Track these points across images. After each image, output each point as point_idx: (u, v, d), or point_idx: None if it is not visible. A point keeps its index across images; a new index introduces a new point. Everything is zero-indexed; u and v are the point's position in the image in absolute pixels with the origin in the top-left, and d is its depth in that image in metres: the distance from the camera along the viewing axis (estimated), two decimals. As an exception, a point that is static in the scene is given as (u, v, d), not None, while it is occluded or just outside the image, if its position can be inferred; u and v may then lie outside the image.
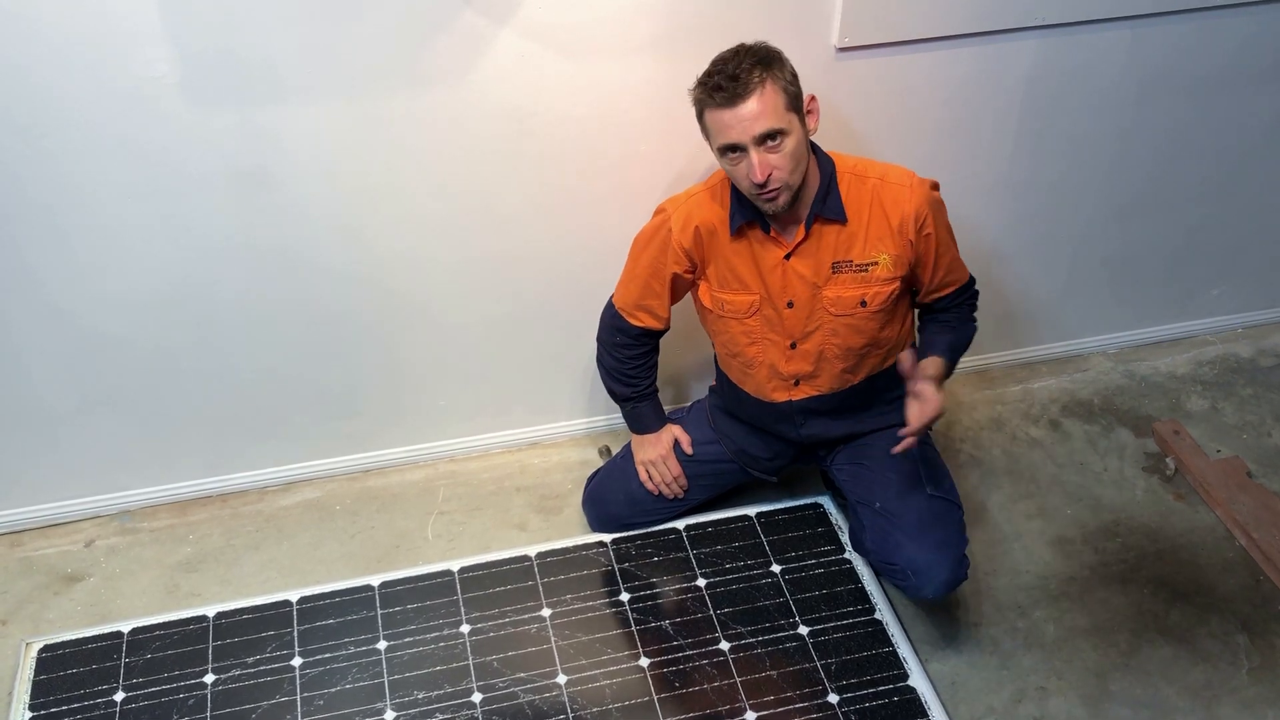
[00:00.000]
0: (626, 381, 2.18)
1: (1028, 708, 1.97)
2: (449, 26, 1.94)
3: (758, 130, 1.74)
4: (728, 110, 1.75)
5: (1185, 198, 2.56)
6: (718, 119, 1.77)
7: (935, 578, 1.95)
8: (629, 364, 2.16)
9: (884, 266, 1.93)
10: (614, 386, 2.21)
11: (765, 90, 1.74)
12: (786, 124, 1.76)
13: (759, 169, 1.76)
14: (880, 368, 2.07)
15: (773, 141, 1.76)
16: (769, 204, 1.84)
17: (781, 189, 1.81)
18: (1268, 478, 2.40)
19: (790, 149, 1.78)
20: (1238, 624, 2.10)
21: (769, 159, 1.77)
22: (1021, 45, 2.21)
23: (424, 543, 2.34)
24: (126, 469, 2.37)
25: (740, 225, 1.93)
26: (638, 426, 2.24)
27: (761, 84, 1.74)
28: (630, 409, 2.23)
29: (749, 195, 1.86)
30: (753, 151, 1.76)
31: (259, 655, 2.06)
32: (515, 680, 2.01)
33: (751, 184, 1.80)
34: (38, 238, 2.02)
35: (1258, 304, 2.83)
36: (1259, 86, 2.40)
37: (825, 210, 1.89)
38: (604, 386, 2.24)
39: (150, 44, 1.85)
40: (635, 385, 2.19)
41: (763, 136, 1.75)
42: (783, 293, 1.96)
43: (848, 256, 1.92)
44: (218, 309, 2.19)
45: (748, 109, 1.73)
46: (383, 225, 2.16)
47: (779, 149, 1.77)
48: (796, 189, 1.84)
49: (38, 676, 2.04)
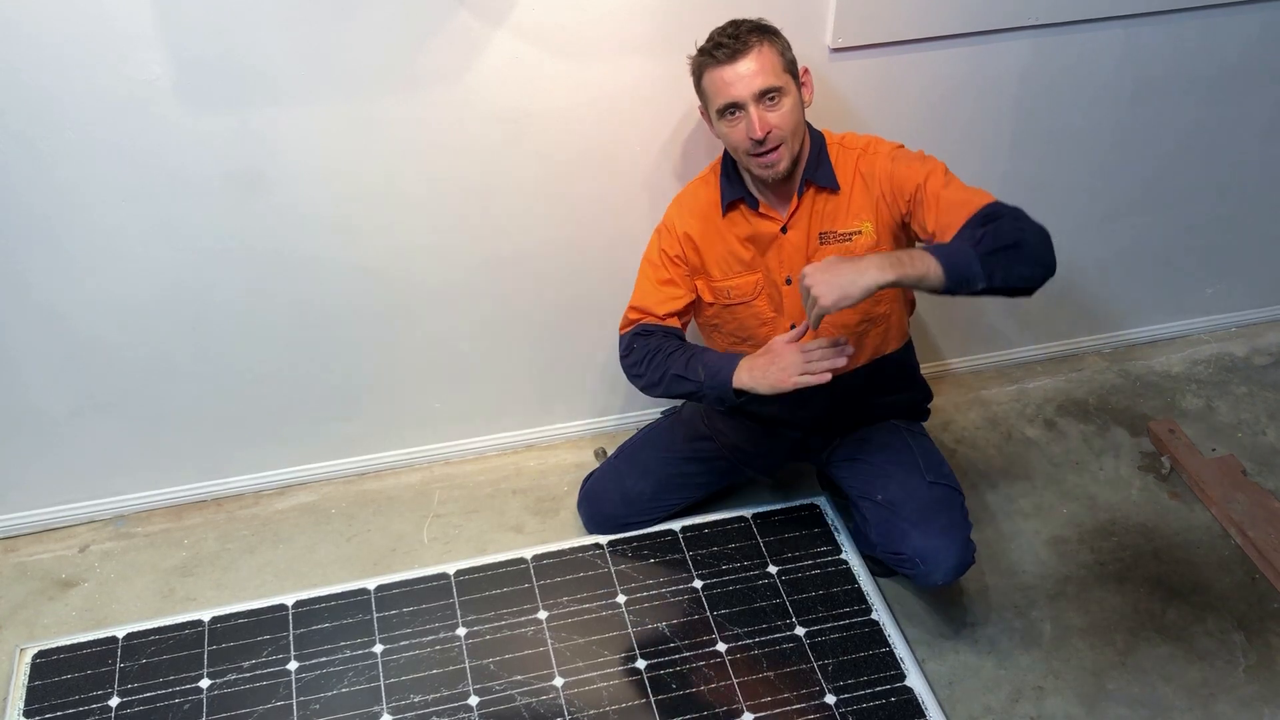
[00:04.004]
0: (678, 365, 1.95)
1: (1025, 707, 1.97)
2: (443, 28, 1.94)
3: (757, 86, 1.79)
4: (728, 66, 1.80)
5: (1179, 197, 2.56)
6: (718, 77, 1.81)
7: (944, 563, 1.96)
8: (666, 349, 1.97)
9: (867, 235, 1.93)
10: (677, 387, 1.97)
11: (763, 49, 1.80)
12: (784, 83, 1.82)
13: (758, 124, 1.80)
14: (882, 350, 2.07)
15: (771, 100, 1.81)
16: (767, 168, 1.85)
17: (781, 148, 1.84)
18: (1263, 476, 2.41)
19: (788, 108, 1.83)
20: (1234, 622, 2.10)
21: (768, 116, 1.81)
22: (1015, 45, 2.21)
23: (420, 546, 2.33)
24: (121, 473, 2.36)
25: (731, 201, 1.95)
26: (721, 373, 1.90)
27: (760, 44, 1.80)
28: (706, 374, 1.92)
29: (746, 159, 1.87)
30: (752, 108, 1.80)
31: (255, 659, 2.06)
32: (512, 683, 2.00)
33: (751, 142, 1.82)
34: (32, 241, 2.01)
35: (1252, 303, 2.83)
36: (1253, 86, 2.41)
37: (818, 177, 1.92)
38: (674, 399, 2.04)
39: (144, 47, 1.85)
40: (685, 358, 1.96)
41: (761, 93, 1.80)
42: (780, 268, 1.97)
43: (833, 227, 1.94)
44: (212, 312, 2.19)
45: (746, 65, 1.79)
46: (377, 227, 2.16)
47: (777, 107, 1.82)
48: (795, 153, 1.86)
49: (32, 682, 2.03)
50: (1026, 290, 1.71)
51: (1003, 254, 1.65)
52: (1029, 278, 1.70)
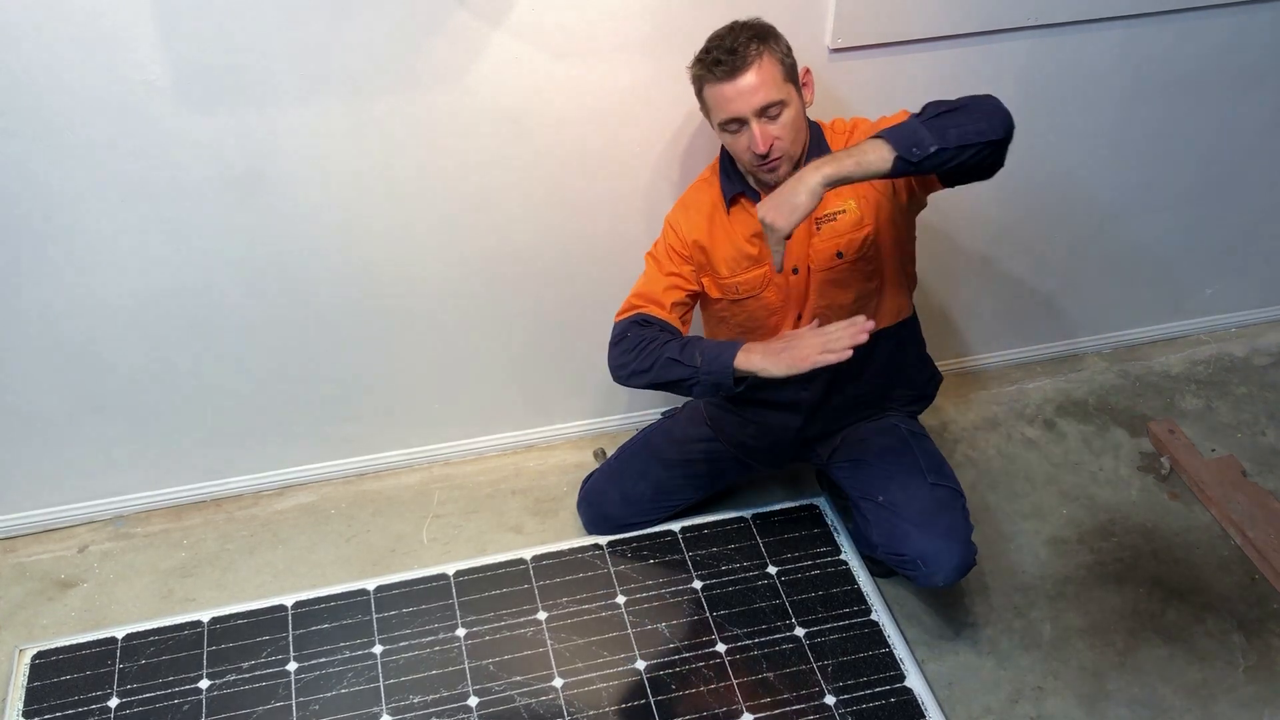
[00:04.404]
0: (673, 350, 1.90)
1: (1025, 708, 1.97)
2: (443, 28, 1.94)
3: (758, 102, 1.78)
4: (728, 84, 1.78)
5: (1179, 197, 2.56)
6: (718, 93, 1.80)
7: (946, 564, 1.95)
8: (662, 339, 1.92)
9: (850, 213, 1.93)
10: (668, 373, 1.90)
11: (763, 62, 1.78)
12: (785, 95, 1.80)
13: (761, 140, 1.79)
14: (879, 325, 2.03)
15: (773, 112, 1.80)
16: (770, 174, 1.86)
17: (783, 159, 1.84)
18: (1262, 476, 2.40)
19: (789, 119, 1.81)
20: (1234, 623, 2.10)
21: (769, 130, 1.80)
22: (1014, 45, 2.21)
23: (419, 546, 2.33)
24: (120, 474, 2.36)
25: (733, 196, 1.95)
26: (722, 357, 1.84)
27: (759, 56, 1.77)
28: (703, 359, 1.87)
29: (750, 168, 1.88)
30: (754, 123, 1.79)
31: (254, 660, 2.06)
32: (511, 684, 2.00)
33: (753, 156, 1.82)
34: (30, 241, 2.01)
35: (1251, 303, 2.83)
36: (1253, 86, 2.41)
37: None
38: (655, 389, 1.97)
39: (141, 48, 1.84)
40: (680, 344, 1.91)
41: (763, 108, 1.79)
42: (786, 258, 1.96)
43: (826, 210, 1.94)
44: (211, 313, 2.18)
45: (747, 82, 1.77)
46: (377, 228, 2.16)
47: (779, 119, 1.81)
48: (797, 159, 1.86)
49: (31, 683, 2.03)
50: (991, 149, 1.68)
51: (948, 115, 1.65)
52: (984, 131, 1.66)
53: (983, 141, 1.67)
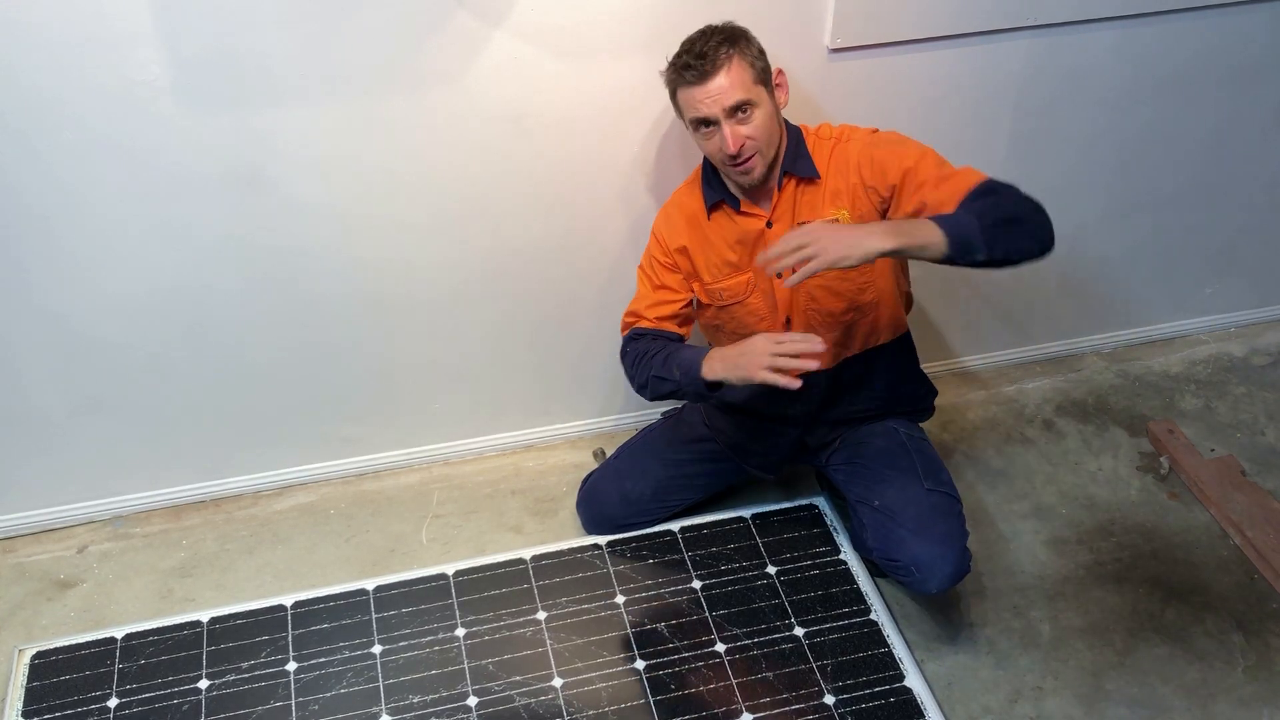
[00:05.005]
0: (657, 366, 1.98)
1: (1024, 708, 1.97)
2: (443, 28, 1.94)
3: (727, 103, 1.80)
4: (697, 87, 1.81)
5: (1177, 197, 2.56)
6: (689, 96, 1.84)
7: (940, 571, 1.95)
8: (651, 352, 2.00)
9: (843, 222, 1.93)
10: (660, 387, 1.99)
11: (732, 65, 1.80)
12: (755, 96, 1.82)
13: (731, 140, 1.82)
14: (873, 341, 2.06)
15: (743, 114, 1.82)
16: (743, 175, 1.88)
17: (756, 158, 1.85)
18: (1261, 476, 2.41)
19: (760, 120, 1.83)
20: (1233, 623, 2.10)
21: (740, 130, 1.83)
22: (1013, 46, 2.21)
23: (419, 546, 2.33)
24: (120, 474, 2.36)
25: (714, 204, 1.97)
26: (694, 368, 1.91)
27: (729, 59, 1.80)
28: (680, 371, 1.94)
29: (723, 168, 1.91)
30: (724, 124, 1.82)
31: (253, 660, 2.06)
32: (511, 684, 2.00)
33: (725, 156, 1.85)
34: (30, 241, 2.01)
35: (1250, 303, 2.84)
36: (1251, 85, 2.41)
37: (797, 169, 1.92)
38: (665, 401, 2.06)
39: (143, 46, 1.84)
40: (663, 358, 1.98)
41: (733, 109, 1.81)
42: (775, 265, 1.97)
43: (813, 216, 1.94)
44: (211, 312, 2.18)
45: (716, 84, 1.80)
46: (377, 227, 2.16)
47: (749, 120, 1.83)
48: (770, 159, 1.88)
49: (31, 683, 2.03)
50: (1019, 263, 1.75)
51: (1004, 226, 1.70)
52: (1027, 250, 1.73)
53: (1021, 259, 1.73)
